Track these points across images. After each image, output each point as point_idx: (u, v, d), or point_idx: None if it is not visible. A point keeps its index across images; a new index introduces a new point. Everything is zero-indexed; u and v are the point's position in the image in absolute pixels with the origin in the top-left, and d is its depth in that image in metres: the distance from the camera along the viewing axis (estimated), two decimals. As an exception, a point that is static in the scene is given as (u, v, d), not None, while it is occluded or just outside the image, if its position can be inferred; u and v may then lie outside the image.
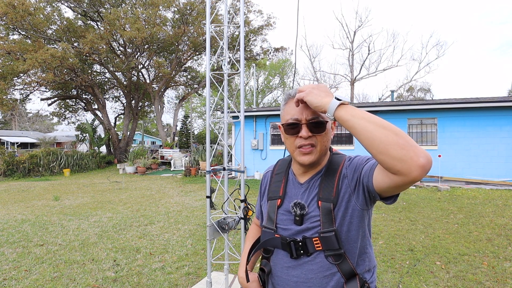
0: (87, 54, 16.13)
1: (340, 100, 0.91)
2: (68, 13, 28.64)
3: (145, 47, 18.05)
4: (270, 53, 21.12)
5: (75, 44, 17.19)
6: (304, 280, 1.04)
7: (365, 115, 0.86)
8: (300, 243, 1.04)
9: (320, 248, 1.02)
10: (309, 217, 1.05)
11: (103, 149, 22.81)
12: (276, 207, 1.13)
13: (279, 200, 1.13)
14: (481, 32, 56.12)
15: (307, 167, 1.10)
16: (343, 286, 1.02)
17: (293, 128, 1.06)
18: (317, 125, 1.04)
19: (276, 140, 12.73)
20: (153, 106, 22.98)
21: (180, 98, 26.19)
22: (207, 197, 2.83)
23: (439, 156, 10.28)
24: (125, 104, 21.95)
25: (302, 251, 1.04)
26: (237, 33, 17.36)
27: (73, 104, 22.57)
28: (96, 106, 20.25)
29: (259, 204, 1.29)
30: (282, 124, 1.11)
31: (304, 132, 1.03)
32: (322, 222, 1.02)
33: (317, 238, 1.02)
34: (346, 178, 1.04)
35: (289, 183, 1.15)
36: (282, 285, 1.09)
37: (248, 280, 1.19)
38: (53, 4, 16.76)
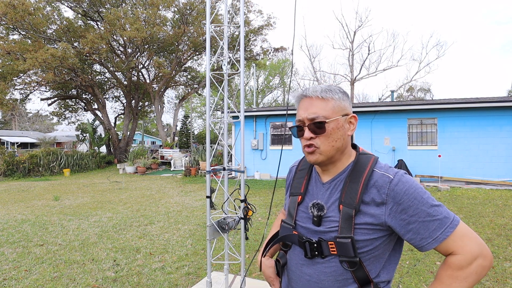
0: (87, 54, 16.13)
1: None
2: (68, 13, 28.65)
3: (145, 47, 18.05)
4: (270, 53, 21.12)
5: (75, 44, 17.20)
6: (316, 280, 1.03)
7: None
8: (315, 244, 1.02)
9: (335, 252, 0.99)
10: (328, 220, 1.02)
11: (103, 149, 22.82)
12: (296, 204, 1.12)
13: (300, 196, 1.12)
14: (484, 31, 56.12)
15: (321, 166, 1.09)
16: None
17: (299, 130, 1.06)
18: (317, 126, 1.02)
19: (276, 140, 12.73)
20: (153, 106, 22.98)
21: (180, 98, 26.20)
22: (207, 197, 2.83)
23: (439, 156, 10.29)
24: (125, 104, 21.95)
25: (316, 252, 1.02)
26: (237, 33, 17.35)
27: (73, 104, 22.57)
28: (96, 106, 20.25)
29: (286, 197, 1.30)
30: (290, 128, 1.12)
31: (306, 133, 1.03)
32: (341, 227, 0.99)
33: (332, 243, 0.99)
34: (384, 206, 0.96)
35: (312, 181, 1.14)
36: (295, 280, 1.09)
37: (261, 269, 1.25)
38: (53, 4, 16.76)
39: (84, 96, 20.62)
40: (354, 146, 1.12)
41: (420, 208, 0.93)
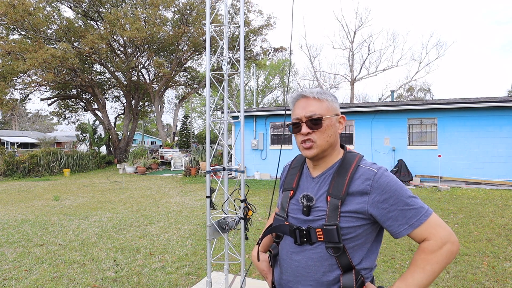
0: (87, 54, 16.13)
1: None
2: (68, 13, 28.63)
3: (145, 47, 18.04)
4: (270, 53, 21.11)
5: (75, 44, 17.19)
6: (304, 266, 1.13)
7: (427, 282, 1.02)
8: (304, 232, 1.13)
9: (322, 239, 1.10)
10: (317, 210, 1.13)
11: (103, 149, 22.81)
12: (288, 198, 1.24)
13: (292, 191, 1.24)
14: (484, 31, 56.07)
15: (315, 161, 1.20)
16: (340, 277, 1.09)
17: (296, 127, 1.18)
18: (314, 122, 1.14)
19: (276, 140, 12.73)
20: (153, 106, 22.97)
21: (180, 98, 26.20)
22: (207, 197, 2.83)
23: (439, 156, 10.28)
24: (125, 104, 21.94)
25: (305, 239, 1.13)
26: (237, 33, 17.35)
27: (73, 104, 22.57)
28: (96, 106, 20.25)
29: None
30: (287, 125, 1.23)
31: (303, 129, 1.15)
32: (328, 216, 1.10)
33: (320, 230, 1.10)
34: (367, 196, 1.08)
35: (303, 176, 1.25)
36: (286, 268, 1.19)
37: (258, 259, 1.34)
38: (53, 4, 16.76)
39: (84, 96, 20.61)
40: (342, 146, 1.26)
41: (399, 199, 1.06)
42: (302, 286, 1.14)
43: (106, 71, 20.45)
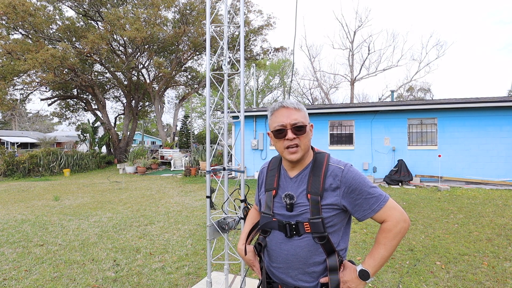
0: (87, 54, 16.12)
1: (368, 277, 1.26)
2: (69, 13, 28.60)
3: (145, 47, 18.03)
4: (270, 53, 21.10)
5: (76, 44, 17.19)
6: (293, 253, 1.30)
7: (383, 260, 1.25)
8: (293, 226, 1.29)
9: (309, 230, 1.27)
10: (299, 206, 1.29)
11: (103, 149, 22.81)
12: (272, 197, 1.38)
13: (274, 191, 1.38)
14: (483, 31, 55.99)
15: (295, 163, 1.34)
16: (325, 259, 1.28)
17: (280, 133, 1.30)
18: (299, 128, 1.28)
19: (276, 140, 12.70)
20: (153, 106, 22.97)
21: (180, 98, 26.19)
22: (207, 197, 2.83)
23: (439, 156, 10.28)
24: (125, 104, 21.94)
25: (294, 232, 1.29)
26: (237, 33, 17.35)
27: (74, 104, 22.56)
28: (96, 106, 20.24)
29: (257, 194, 1.58)
30: (272, 131, 1.35)
31: (289, 135, 1.28)
32: (311, 210, 1.27)
33: (307, 223, 1.27)
34: (338, 190, 1.27)
35: (281, 177, 1.40)
36: (275, 257, 1.36)
37: (246, 252, 1.48)
38: (54, 4, 16.75)
39: (84, 96, 20.61)
40: (311, 148, 1.41)
41: (363, 189, 1.26)
42: (292, 270, 1.31)
43: (107, 71, 20.44)
